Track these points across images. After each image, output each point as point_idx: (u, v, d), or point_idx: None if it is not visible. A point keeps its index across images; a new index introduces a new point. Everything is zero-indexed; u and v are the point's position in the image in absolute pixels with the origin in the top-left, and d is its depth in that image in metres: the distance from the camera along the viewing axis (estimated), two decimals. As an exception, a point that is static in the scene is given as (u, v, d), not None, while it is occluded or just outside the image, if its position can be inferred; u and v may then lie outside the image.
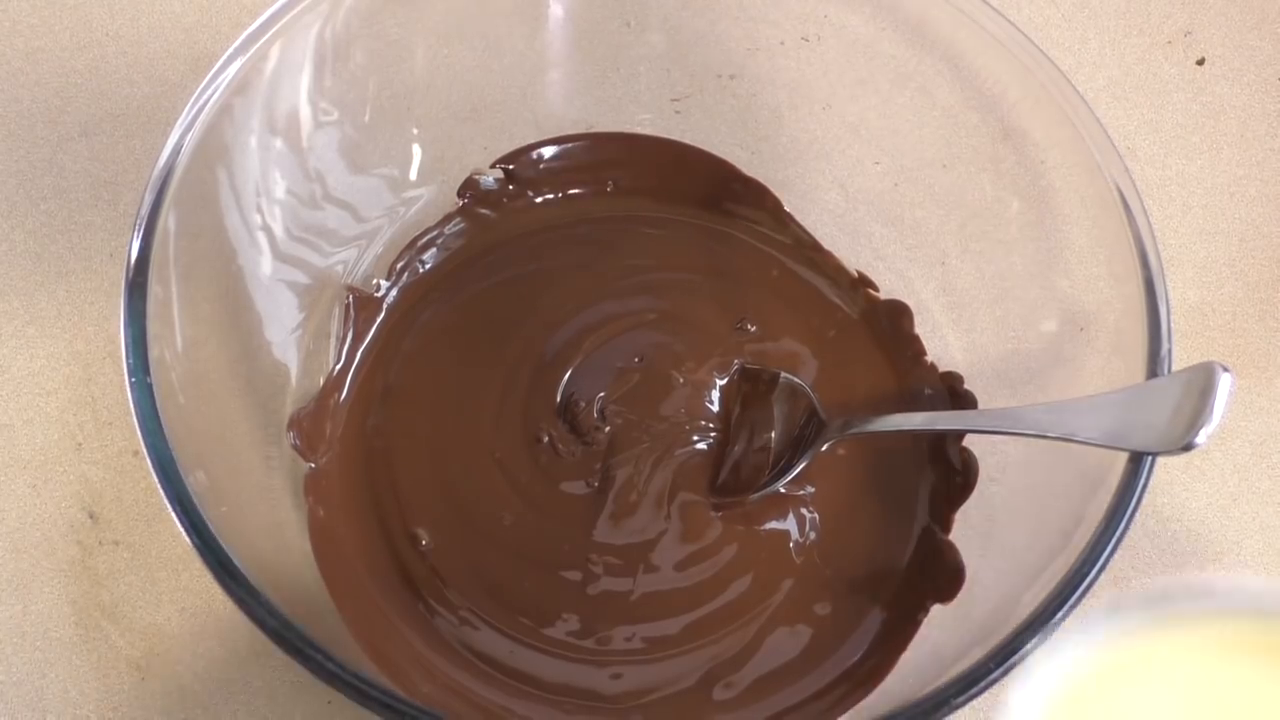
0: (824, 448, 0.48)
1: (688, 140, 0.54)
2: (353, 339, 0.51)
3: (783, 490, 0.48)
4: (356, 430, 0.49)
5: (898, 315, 0.52)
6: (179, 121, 0.42)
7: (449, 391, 0.50)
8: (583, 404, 0.49)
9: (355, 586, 0.47)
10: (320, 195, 0.49)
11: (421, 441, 0.49)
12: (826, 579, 0.48)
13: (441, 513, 0.48)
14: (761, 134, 0.54)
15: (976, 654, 0.38)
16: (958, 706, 0.37)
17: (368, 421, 0.50)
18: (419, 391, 0.50)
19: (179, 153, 0.42)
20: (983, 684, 0.37)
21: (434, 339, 0.51)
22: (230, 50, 0.44)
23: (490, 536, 0.48)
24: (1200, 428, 0.38)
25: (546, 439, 0.49)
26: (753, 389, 0.50)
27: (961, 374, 0.51)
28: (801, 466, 0.48)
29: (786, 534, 0.48)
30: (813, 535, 0.48)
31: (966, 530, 0.48)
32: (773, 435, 0.49)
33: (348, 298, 0.51)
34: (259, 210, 0.47)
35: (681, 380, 0.50)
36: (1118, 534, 0.39)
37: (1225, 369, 0.38)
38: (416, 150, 0.52)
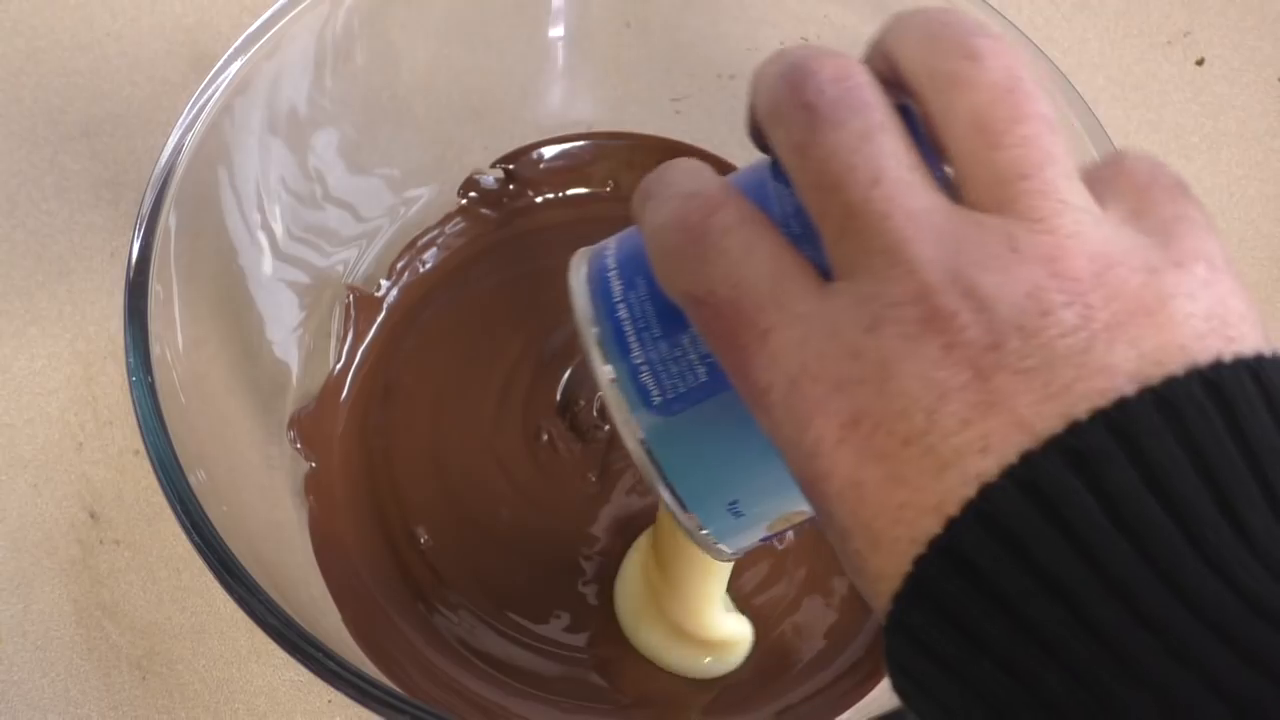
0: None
1: (688, 140, 0.54)
2: (353, 338, 0.51)
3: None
4: (357, 429, 0.50)
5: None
6: (180, 121, 0.42)
7: (450, 390, 0.50)
8: (583, 402, 0.49)
9: (355, 585, 0.47)
10: (321, 195, 0.49)
11: (422, 440, 0.49)
12: (828, 576, 0.48)
13: (440, 510, 0.48)
14: (761, 134, 0.54)
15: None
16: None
17: (368, 421, 0.50)
18: (420, 390, 0.50)
19: (180, 153, 0.42)
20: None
21: (435, 338, 0.51)
22: (230, 50, 0.44)
23: (489, 534, 0.48)
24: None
25: (546, 437, 0.49)
26: None
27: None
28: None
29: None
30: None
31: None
32: None
33: (348, 297, 0.51)
34: (260, 210, 0.47)
35: None
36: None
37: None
38: (416, 150, 0.52)
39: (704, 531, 0.30)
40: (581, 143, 0.54)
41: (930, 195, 0.25)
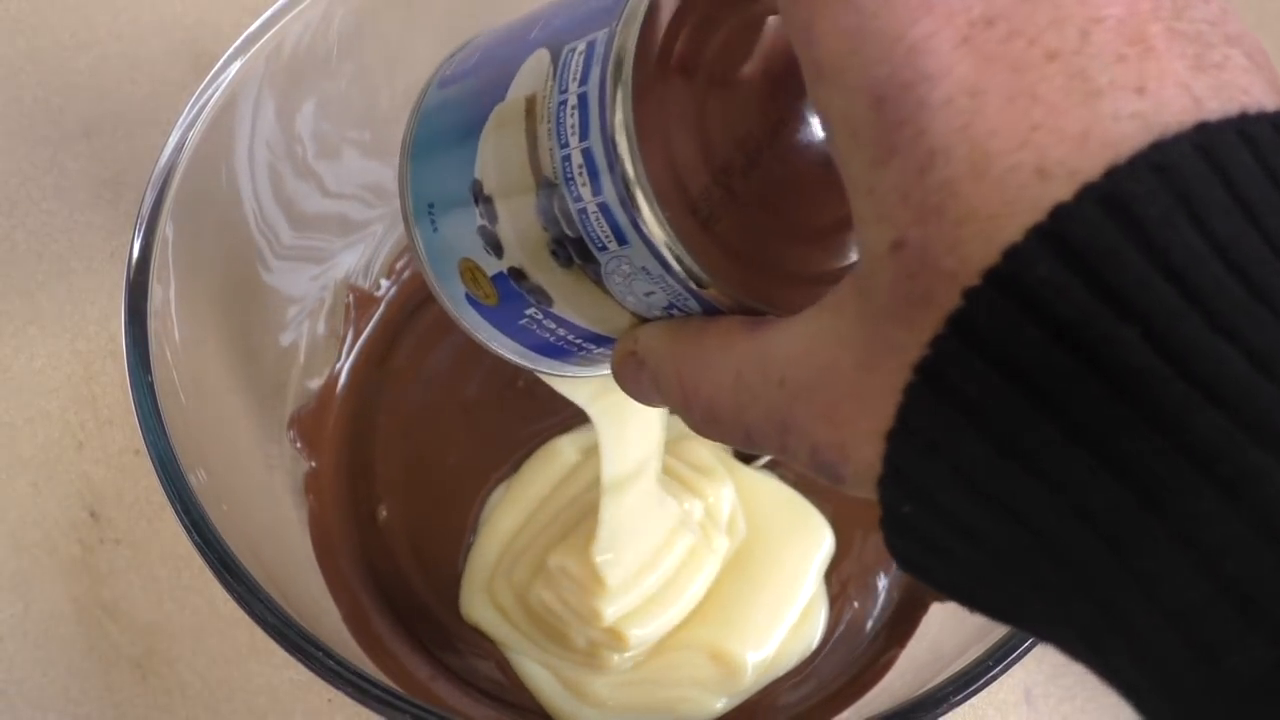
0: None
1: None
2: (353, 337, 0.51)
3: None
4: (354, 429, 0.50)
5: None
6: (180, 121, 0.42)
7: (447, 388, 0.50)
8: None
9: (346, 583, 0.47)
10: (321, 195, 0.49)
11: (403, 429, 0.49)
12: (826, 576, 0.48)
13: (401, 482, 0.48)
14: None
15: (975, 652, 0.38)
16: (956, 704, 0.37)
17: (365, 420, 0.50)
18: (417, 389, 0.50)
19: (180, 152, 0.42)
20: (981, 682, 0.37)
21: (434, 337, 0.51)
22: (231, 50, 0.44)
23: (441, 489, 0.48)
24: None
25: (522, 383, 0.48)
26: None
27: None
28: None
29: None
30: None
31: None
32: None
33: (349, 297, 0.51)
34: (260, 209, 0.47)
35: None
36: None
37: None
38: (417, 150, 0.52)
39: (412, 229, 0.32)
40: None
41: None
